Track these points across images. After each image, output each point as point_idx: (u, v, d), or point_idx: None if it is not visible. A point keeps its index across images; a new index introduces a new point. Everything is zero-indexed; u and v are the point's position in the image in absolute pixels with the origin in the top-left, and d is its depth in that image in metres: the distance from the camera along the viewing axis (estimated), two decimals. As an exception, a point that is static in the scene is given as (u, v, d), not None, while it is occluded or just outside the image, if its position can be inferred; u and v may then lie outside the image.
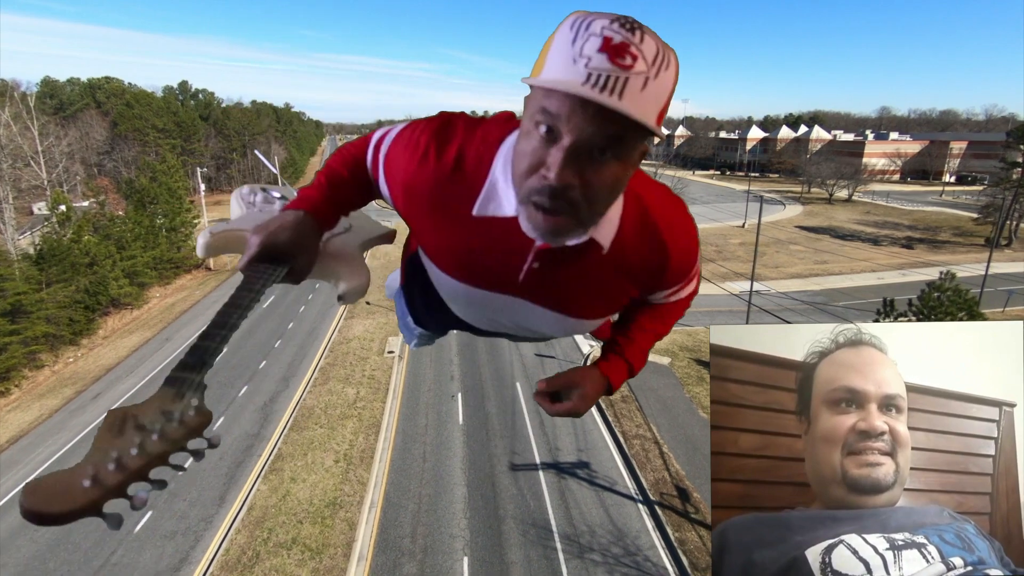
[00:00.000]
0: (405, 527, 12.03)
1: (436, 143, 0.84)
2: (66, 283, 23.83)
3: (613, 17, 0.63)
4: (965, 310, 14.71)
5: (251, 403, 17.39)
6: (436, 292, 1.06)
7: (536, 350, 20.55)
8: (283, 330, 23.29)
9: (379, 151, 0.95)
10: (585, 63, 0.61)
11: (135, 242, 29.82)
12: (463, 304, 1.04)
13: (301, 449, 14.93)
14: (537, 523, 12.01)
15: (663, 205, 0.87)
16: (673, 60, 0.65)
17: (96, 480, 0.47)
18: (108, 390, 19.25)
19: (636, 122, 0.62)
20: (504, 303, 0.94)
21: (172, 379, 0.59)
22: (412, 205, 0.89)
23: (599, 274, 0.87)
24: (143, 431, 0.52)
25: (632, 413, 16.17)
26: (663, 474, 13.42)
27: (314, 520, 12.23)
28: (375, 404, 17.33)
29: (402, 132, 0.92)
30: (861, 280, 31.15)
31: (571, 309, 0.93)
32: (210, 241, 1.01)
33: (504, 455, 14.50)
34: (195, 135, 62.31)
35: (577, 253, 0.82)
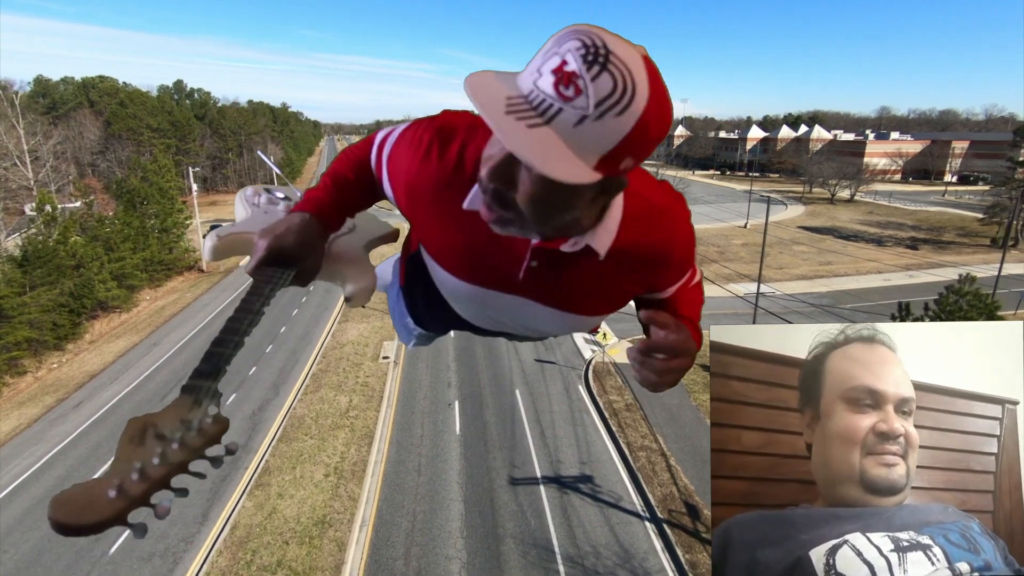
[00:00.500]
0: (398, 547, 11.32)
1: (438, 141, 0.84)
2: (51, 286, 23.06)
3: (587, 44, 0.58)
4: (985, 314, 14.05)
5: (239, 412, 16.65)
6: (438, 291, 1.06)
7: (536, 355, 19.86)
8: (275, 334, 22.54)
9: (382, 151, 0.95)
10: (534, 80, 0.60)
11: (124, 243, 29.04)
12: (465, 303, 1.04)
13: (290, 462, 14.21)
14: (538, 543, 11.31)
15: (665, 204, 0.86)
16: (638, 107, 0.58)
17: (121, 490, 0.47)
18: (91, 398, 18.50)
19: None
20: (506, 301, 0.94)
21: (189, 387, 0.59)
22: (414, 203, 0.90)
23: (599, 275, 0.86)
24: (163, 440, 0.53)
25: (637, 422, 15.47)
26: (671, 489, 12.73)
27: (301, 540, 11.50)
28: (368, 413, 16.61)
29: (405, 131, 0.92)
30: (867, 281, 30.53)
31: (572, 307, 0.93)
32: (217, 245, 1.03)
33: (503, 468, 13.80)
34: (190, 135, 61.51)
35: (575, 255, 0.82)
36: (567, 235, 0.77)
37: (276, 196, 1.33)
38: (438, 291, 1.05)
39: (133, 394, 18.56)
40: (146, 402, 17.87)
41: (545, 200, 0.66)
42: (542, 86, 0.59)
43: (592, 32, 0.59)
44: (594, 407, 16.57)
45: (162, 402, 17.55)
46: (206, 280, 32.63)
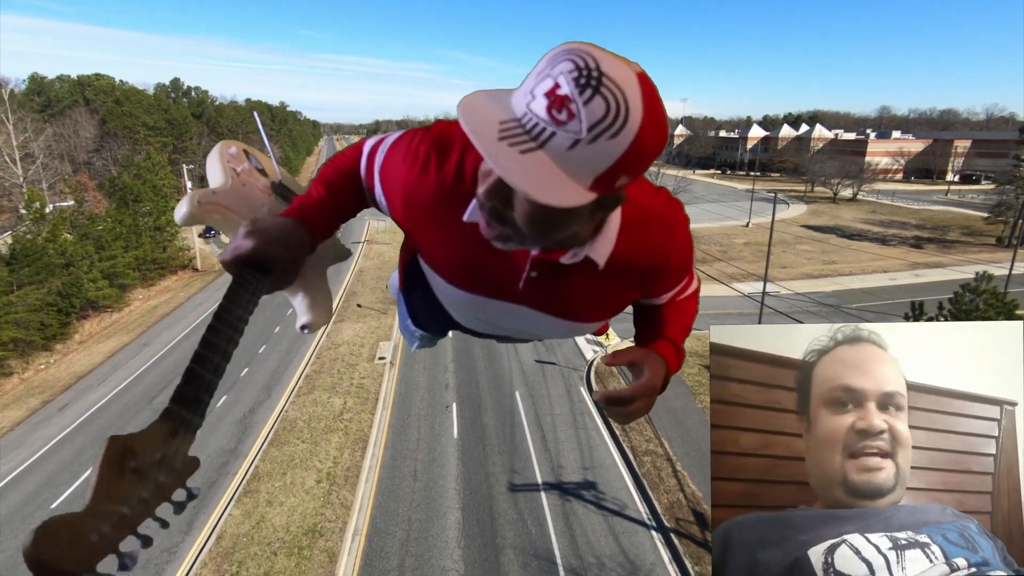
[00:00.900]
0: (392, 559, 10.77)
1: (435, 154, 0.83)
2: (38, 285, 22.49)
3: (579, 66, 0.57)
4: (1004, 314, 13.51)
5: (229, 414, 16.10)
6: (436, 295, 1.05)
7: (536, 356, 19.31)
8: (269, 334, 21.97)
9: (374, 161, 0.93)
10: (527, 102, 0.60)
11: (116, 242, 28.46)
12: (464, 310, 1.03)
13: (280, 467, 13.64)
14: (539, 553, 10.77)
15: (662, 211, 0.86)
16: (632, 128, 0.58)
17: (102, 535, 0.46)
18: (77, 400, 17.93)
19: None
20: (505, 309, 0.93)
21: (169, 413, 0.57)
22: (412, 216, 0.89)
23: (598, 284, 0.86)
24: (140, 477, 0.51)
25: (641, 426, 14.92)
26: (678, 496, 12.18)
27: (290, 551, 10.94)
28: (363, 416, 16.05)
29: (398, 142, 0.90)
30: (873, 281, 30.03)
31: (572, 315, 0.93)
32: (194, 212, 0.98)
33: (503, 474, 13.24)
34: (187, 133, 60.92)
35: (574, 266, 0.82)
36: (566, 247, 0.78)
37: (256, 166, 1.24)
38: (436, 295, 1.05)
39: (120, 396, 17.99)
40: (133, 405, 17.31)
41: (542, 219, 0.65)
42: (535, 109, 0.58)
43: (585, 52, 0.57)
44: (596, 409, 16.02)
45: (150, 404, 17.02)
46: (200, 279, 32.08)
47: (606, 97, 0.56)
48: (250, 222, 0.81)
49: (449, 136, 0.84)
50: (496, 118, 0.59)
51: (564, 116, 0.57)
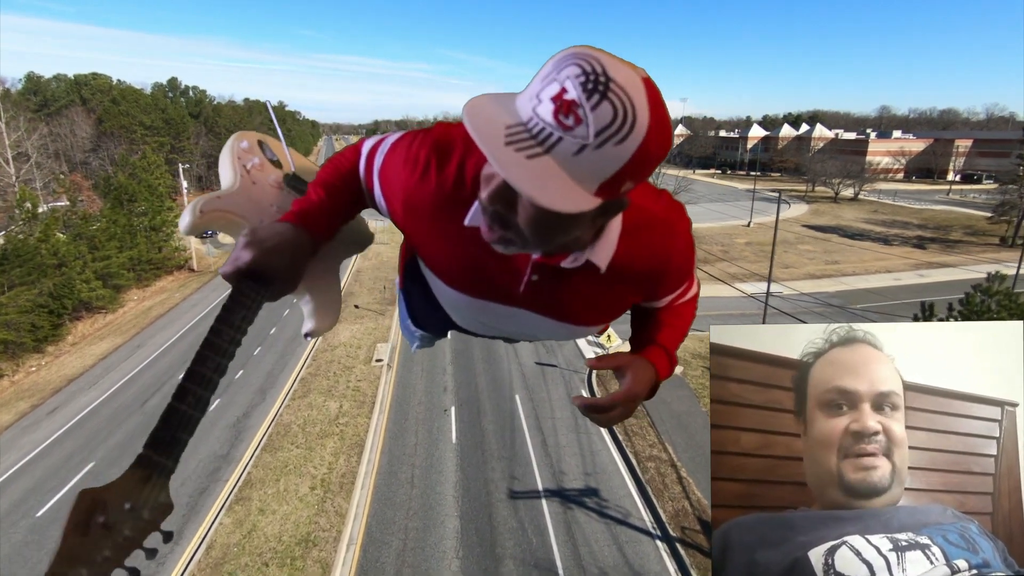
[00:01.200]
0: (388, 569, 10.40)
1: (436, 158, 0.82)
2: (30, 286, 22.09)
3: (587, 71, 0.56)
4: (1018, 315, 13.15)
5: (222, 419, 15.73)
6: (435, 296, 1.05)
7: (537, 359, 18.95)
8: (264, 335, 21.60)
9: (373, 163, 0.92)
10: (533, 106, 0.59)
11: (110, 242, 28.07)
12: (464, 312, 1.03)
13: (273, 474, 13.27)
14: (540, 564, 10.40)
15: (664, 215, 0.85)
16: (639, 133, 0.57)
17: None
18: (67, 404, 17.55)
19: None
20: (506, 312, 0.93)
21: (142, 459, 0.56)
22: (412, 219, 0.88)
23: (599, 287, 0.86)
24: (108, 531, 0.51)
25: (644, 430, 14.56)
26: (683, 503, 11.82)
27: (282, 561, 10.57)
28: (359, 420, 15.68)
29: (398, 145, 0.89)
30: (877, 281, 29.69)
31: (573, 318, 0.93)
32: (197, 221, 0.96)
33: (502, 480, 12.88)
34: (184, 133, 60.53)
35: (575, 270, 0.82)
36: (568, 251, 0.78)
37: (271, 158, 1.20)
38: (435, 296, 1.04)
39: (112, 400, 17.61)
40: (124, 408, 16.93)
41: (546, 224, 0.66)
42: (541, 113, 0.58)
43: (592, 57, 0.57)
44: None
45: (142, 408, 16.62)
46: (196, 279, 31.68)
47: (613, 102, 0.56)
48: (249, 231, 0.81)
49: (449, 139, 0.83)
50: (502, 122, 0.59)
51: (571, 121, 0.56)
